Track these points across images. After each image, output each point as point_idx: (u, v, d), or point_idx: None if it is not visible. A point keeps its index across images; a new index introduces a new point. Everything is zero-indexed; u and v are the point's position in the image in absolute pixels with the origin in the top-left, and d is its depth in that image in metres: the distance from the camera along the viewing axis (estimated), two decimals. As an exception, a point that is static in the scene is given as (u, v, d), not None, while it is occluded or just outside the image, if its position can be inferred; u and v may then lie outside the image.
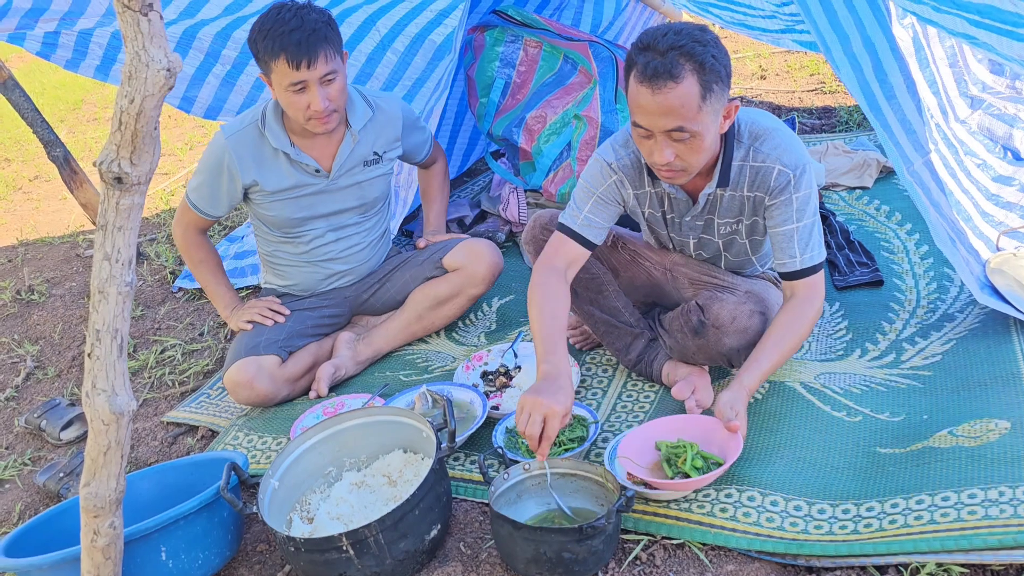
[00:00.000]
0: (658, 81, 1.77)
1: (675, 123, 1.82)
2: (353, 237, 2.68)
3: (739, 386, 1.94)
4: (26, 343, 3.30)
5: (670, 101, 1.78)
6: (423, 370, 2.62)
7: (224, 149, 2.44)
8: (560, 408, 1.82)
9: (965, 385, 2.07)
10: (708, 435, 1.94)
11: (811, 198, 2.00)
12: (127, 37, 1.28)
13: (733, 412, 1.89)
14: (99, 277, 1.41)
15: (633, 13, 4.55)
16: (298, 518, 1.97)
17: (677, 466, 1.87)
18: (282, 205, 2.54)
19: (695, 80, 1.78)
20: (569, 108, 3.20)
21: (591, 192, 2.14)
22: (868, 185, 3.38)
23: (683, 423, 2.02)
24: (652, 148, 1.89)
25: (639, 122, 1.86)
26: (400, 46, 3.35)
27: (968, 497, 1.69)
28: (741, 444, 1.85)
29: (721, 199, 2.09)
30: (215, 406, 2.66)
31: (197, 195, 2.54)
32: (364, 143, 2.55)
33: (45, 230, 4.71)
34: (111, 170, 1.36)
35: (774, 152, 1.98)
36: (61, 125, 6.87)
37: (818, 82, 4.83)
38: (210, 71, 3.31)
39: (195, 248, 2.66)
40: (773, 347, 1.98)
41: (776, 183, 1.99)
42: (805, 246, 2.01)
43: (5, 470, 2.54)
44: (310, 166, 2.49)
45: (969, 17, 2.00)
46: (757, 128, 2.01)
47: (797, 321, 2.01)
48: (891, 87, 2.27)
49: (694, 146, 1.86)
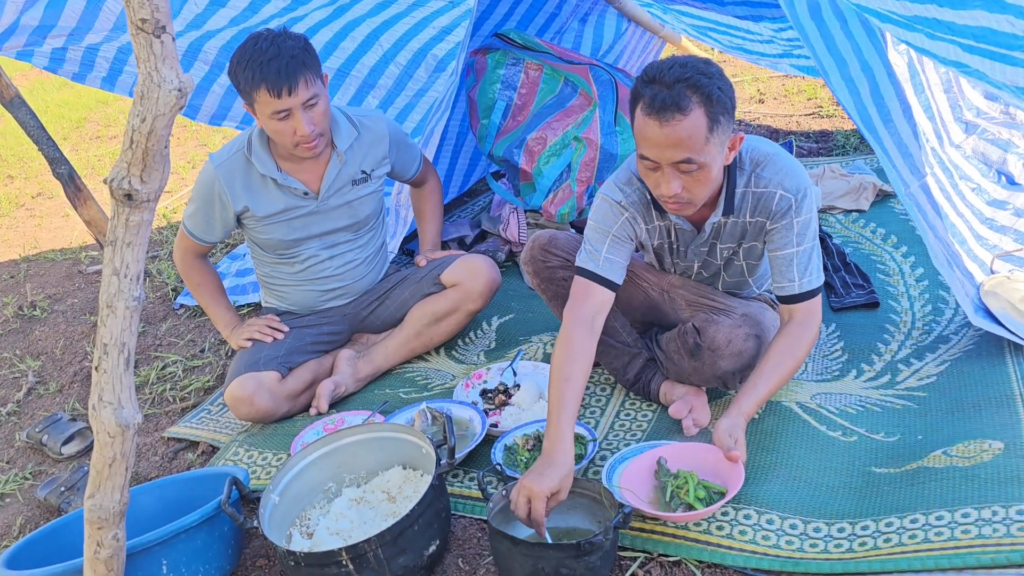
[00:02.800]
0: (666, 113, 1.79)
1: (683, 155, 1.83)
2: (347, 254, 2.70)
3: (737, 412, 1.95)
4: (28, 358, 3.32)
5: (678, 133, 1.80)
6: (423, 388, 2.64)
7: (214, 178, 2.48)
8: (541, 489, 1.77)
9: (959, 406, 2.09)
10: (706, 463, 1.95)
11: (811, 222, 2.02)
12: (140, 58, 1.31)
13: (732, 440, 1.90)
14: (107, 292, 1.44)
15: (632, 37, 4.60)
16: (298, 533, 1.99)
17: (679, 497, 1.88)
18: (274, 228, 2.57)
19: (702, 112, 1.79)
20: (569, 130, 3.24)
21: (606, 232, 2.11)
22: (864, 208, 3.42)
23: (680, 451, 2.02)
24: (659, 180, 1.90)
25: (647, 154, 1.87)
26: (403, 60, 3.41)
27: (962, 516, 1.71)
28: (743, 474, 1.86)
29: (724, 226, 2.11)
30: (216, 422, 2.68)
31: (192, 223, 2.58)
32: (351, 163, 2.58)
33: (47, 247, 4.73)
34: (121, 187, 1.39)
35: (775, 177, 2.00)
36: (64, 143, 6.91)
37: (815, 106, 4.88)
38: (215, 81, 3.36)
39: (194, 272, 2.70)
40: (770, 372, 2.00)
41: (778, 208, 2.01)
42: (804, 270, 2.03)
43: (6, 484, 2.55)
44: (298, 189, 2.52)
45: (963, 43, 2.03)
46: (758, 155, 2.03)
47: (795, 346, 2.02)
48: (888, 111, 2.31)
49: (701, 178, 1.88)
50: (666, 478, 1.93)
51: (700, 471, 1.93)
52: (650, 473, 1.98)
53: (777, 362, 2.00)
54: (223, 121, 3.52)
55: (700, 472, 1.92)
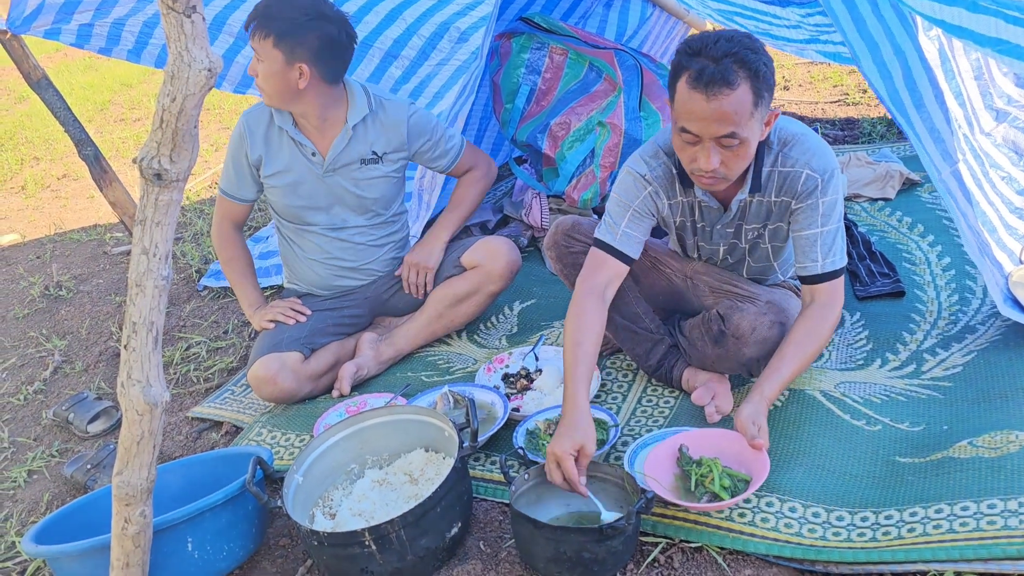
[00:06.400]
0: (713, 87, 1.78)
1: (727, 129, 1.82)
2: (356, 236, 2.71)
3: (759, 397, 1.94)
4: (54, 338, 3.36)
5: (724, 108, 1.79)
6: (444, 371, 2.65)
7: (242, 124, 2.59)
8: (564, 450, 1.82)
9: (985, 396, 2.07)
10: (729, 450, 1.94)
11: (837, 204, 2.01)
12: (170, 37, 1.31)
13: (755, 427, 1.89)
14: (136, 271, 1.45)
15: (657, 22, 4.57)
16: (320, 513, 2.00)
17: (704, 485, 1.88)
18: (283, 191, 2.61)
19: (748, 87, 1.79)
20: (593, 115, 3.22)
21: (627, 206, 2.13)
22: (891, 196, 3.38)
23: (702, 437, 2.01)
24: (697, 154, 1.89)
25: (689, 128, 1.86)
26: (426, 32, 3.40)
27: (987, 507, 1.69)
28: (768, 463, 1.85)
29: (750, 205, 2.10)
30: (239, 402, 2.70)
31: (225, 179, 2.67)
32: (361, 140, 2.59)
33: (73, 227, 4.78)
34: (151, 167, 1.40)
35: (803, 157, 1.99)
36: (89, 125, 6.93)
37: (841, 93, 4.83)
38: (239, 52, 3.40)
39: (229, 245, 2.74)
40: (792, 355, 1.98)
41: (804, 187, 2.00)
42: (828, 251, 2.02)
43: (34, 461, 2.59)
44: (307, 147, 2.56)
45: (1008, 14, 1.96)
46: (785, 134, 2.02)
47: (817, 328, 2.01)
48: (920, 96, 2.27)
49: (740, 152, 1.88)
50: (689, 466, 1.92)
51: (723, 458, 1.92)
52: (672, 459, 1.97)
53: (799, 345, 1.99)
54: (247, 89, 3.54)
55: (723, 459, 1.92)
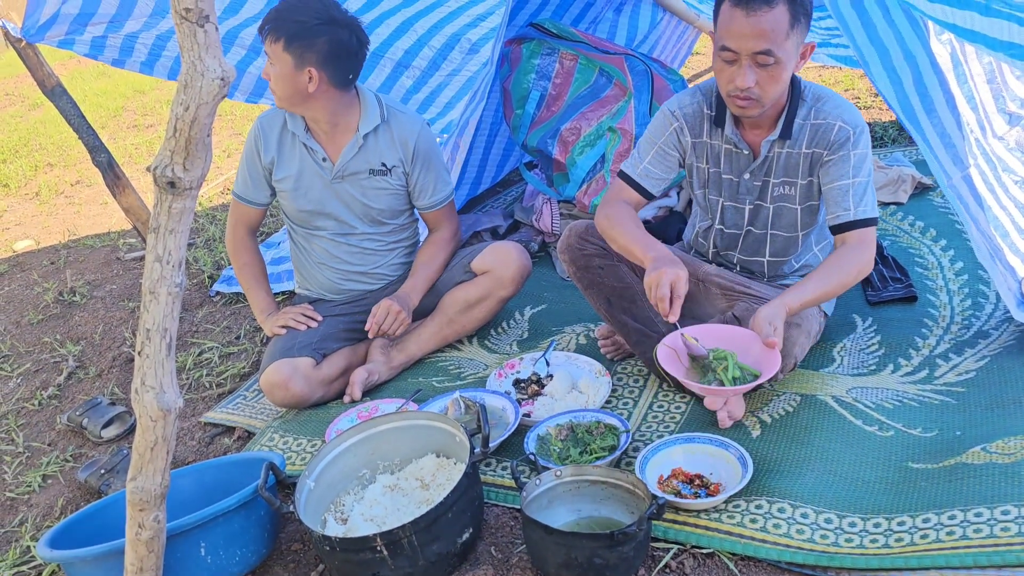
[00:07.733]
0: (752, 4, 1.92)
1: (764, 46, 1.94)
2: (364, 242, 2.73)
3: (780, 303, 2.01)
4: (68, 343, 3.38)
5: (762, 24, 1.91)
6: (456, 377, 2.65)
7: (256, 127, 2.63)
8: (683, 272, 1.99)
9: (999, 402, 2.06)
10: (745, 348, 2.02)
11: (867, 158, 2.10)
12: (184, 47, 1.33)
13: (771, 328, 1.96)
14: (150, 278, 1.46)
15: (668, 27, 4.57)
16: (332, 519, 2.01)
17: (716, 372, 1.96)
18: (292, 195, 2.63)
19: (786, 8, 1.93)
20: (604, 120, 3.23)
21: (653, 142, 2.28)
22: (903, 201, 3.37)
23: (719, 332, 2.10)
24: (735, 74, 2.00)
25: (728, 44, 1.97)
26: (436, 43, 3.45)
27: (1001, 513, 1.68)
28: (778, 361, 1.93)
29: (779, 156, 2.18)
30: (251, 408, 2.71)
31: (239, 183, 2.70)
32: (372, 149, 2.60)
33: (86, 233, 4.81)
34: (165, 175, 1.41)
35: (835, 111, 2.11)
36: (102, 131, 6.98)
37: (853, 97, 4.81)
38: (251, 63, 3.45)
39: (242, 250, 2.76)
40: (819, 279, 2.07)
41: (836, 138, 2.10)
42: (860, 199, 2.09)
43: (48, 466, 2.61)
44: (318, 152, 2.58)
45: (1021, 17, 1.97)
46: (820, 91, 2.15)
47: (846, 263, 2.07)
48: (931, 101, 2.28)
49: (775, 74, 1.98)
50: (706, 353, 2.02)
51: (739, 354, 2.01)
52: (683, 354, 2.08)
53: (827, 272, 2.07)
54: (260, 99, 3.58)
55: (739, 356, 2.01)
